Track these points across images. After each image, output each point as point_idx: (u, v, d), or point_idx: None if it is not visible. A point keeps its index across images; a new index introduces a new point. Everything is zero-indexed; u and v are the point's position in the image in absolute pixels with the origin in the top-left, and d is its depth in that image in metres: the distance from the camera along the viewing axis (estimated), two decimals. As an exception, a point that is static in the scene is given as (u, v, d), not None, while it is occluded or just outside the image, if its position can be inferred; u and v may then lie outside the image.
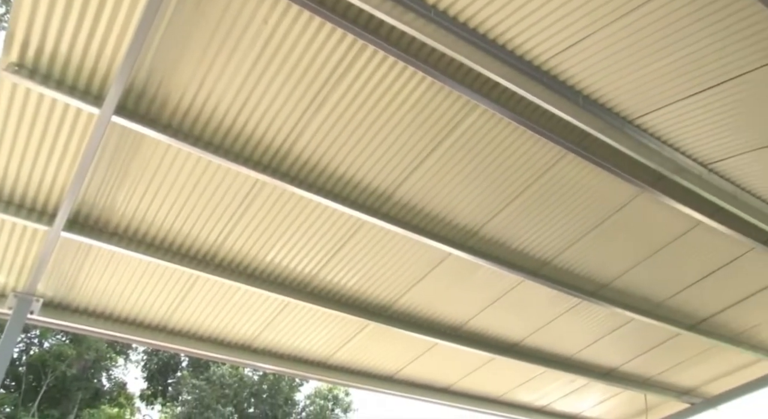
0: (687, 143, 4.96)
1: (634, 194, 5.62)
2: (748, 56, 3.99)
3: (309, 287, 6.36)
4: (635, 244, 6.32)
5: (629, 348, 8.46)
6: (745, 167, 5.26)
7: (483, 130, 4.88)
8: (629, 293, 7.08)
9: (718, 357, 8.80)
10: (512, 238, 5.99)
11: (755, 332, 8.29)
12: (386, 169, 5.13)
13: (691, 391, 10.00)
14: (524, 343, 7.88)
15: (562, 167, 5.30)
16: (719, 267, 6.84)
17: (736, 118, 4.63)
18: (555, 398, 9.75)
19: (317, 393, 21.10)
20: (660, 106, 4.59)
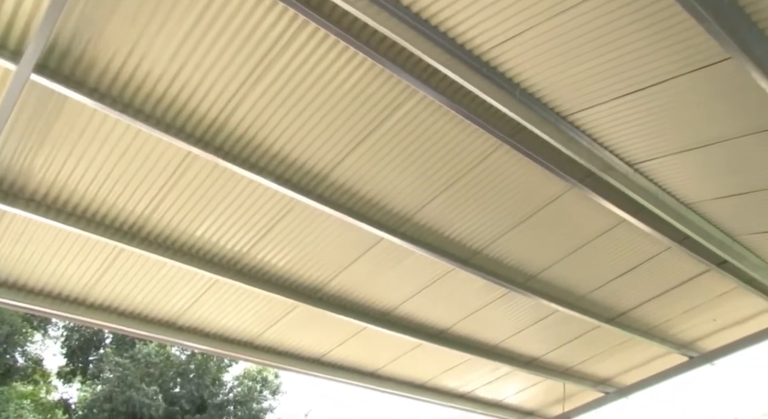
0: (616, 142, 5.12)
1: (564, 189, 5.78)
2: (675, 62, 4.13)
3: (238, 266, 6.25)
4: (562, 238, 6.52)
5: (552, 339, 8.76)
6: (668, 170, 5.48)
7: (421, 116, 4.89)
8: (554, 286, 7.31)
9: (633, 350, 9.24)
10: (445, 226, 6.06)
11: (667, 326, 8.74)
12: (322, 149, 5.07)
13: (606, 381, 10.47)
14: (452, 330, 8.02)
15: (497, 159, 5.38)
16: (638, 264, 7.15)
17: (662, 121, 4.81)
18: (478, 385, 10.01)
19: (246, 374, 20.85)
20: (593, 104, 4.71)
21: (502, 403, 10.87)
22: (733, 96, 4.39)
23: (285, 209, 5.65)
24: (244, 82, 4.45)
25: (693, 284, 7.73)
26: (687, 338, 9.29)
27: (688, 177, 5.62)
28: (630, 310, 8.15)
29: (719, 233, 6.59)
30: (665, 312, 8.34)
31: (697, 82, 4.27)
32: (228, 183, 5.28)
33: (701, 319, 8.70)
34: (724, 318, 8.80)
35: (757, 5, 3.56)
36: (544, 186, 5.75)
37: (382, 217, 5.83)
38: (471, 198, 5.76)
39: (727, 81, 4.20)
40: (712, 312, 8.58)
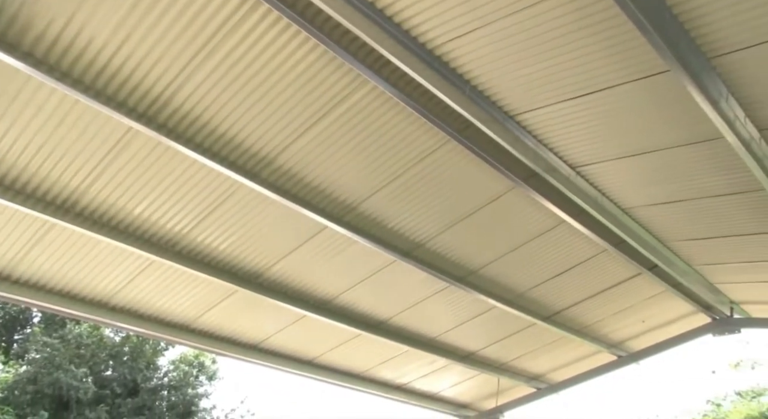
0: (560, 144, 5.24)
1: (508, 187, 5.89)
2: (619, 70, 4.25)
3: (177, 247, 6.11)
4: (504, 235, 6.65)
5: (489, 334, 8.94)
6: (608, 174, 5.66)
7: (371, 107, 4.88)
8: (494, 282, 7.46)
9: (565, 347, 9.54)
10: (389, 217, 6.08)
11: (599, 326, 9.06)
12: (270, 133, 5.00)
13: (539, 377, 10.78)
14: (391, 322, 8.08)
15: (444, 154, 5.43)
16: (575, 265, 7.37)
17: (604, 127, 4.95)
18: (415, 377, 10.13)
19: (182, 358, 20.44)
20: (540, 106, 4.80)
21: (438, 396, 11.05)
22: (670, 107, 4.56)
23: (228, 191, 5.54)
24: (192, 59, 4.33)
25: (625, 286, 8.03)
26: (617, 338, 9.66)
27: (626, 183, 5.81)
28: (565, 309, 8.40)
29: (652, 239, 6.85)
30: (598, 313, 8.63)
31: (638, 91, 4.41)
32: (170, 162, 5.15)
33: (631, 320, 9.06)
34: (652, 320, 9.19)
35: (695, 22, 3.70)
36: (488, 184, 5.84)
37: (326, 205, 5.80)
38: (416, 191, 5.80)
39: (666, 93, 4.35)
40: (641, 314, 8.95)
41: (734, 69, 4.05)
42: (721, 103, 4.27)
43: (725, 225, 6.40)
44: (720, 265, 7.54)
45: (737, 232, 6.50)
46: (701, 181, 5.57)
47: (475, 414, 11.64)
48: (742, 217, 6.12)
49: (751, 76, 4.09)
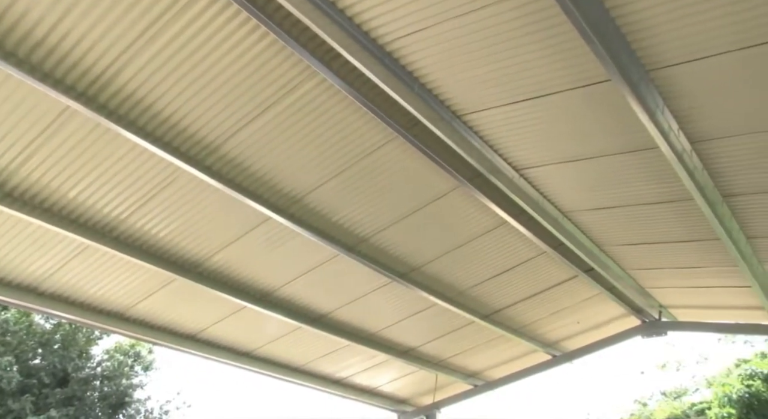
0: (505, 146, 5.34)
1: (453, 186, 5.96)
2: (564, 77, 4.36)
3: (114, 233, 5.92)
4: (447, 234, 6.73)
5: (429, 331, 9.04)
6: (550, 178, 5.80)
7: (319, 99, 4.85)
8: (436, 279, 7.54)
9: (503, 346, 9.74)
10: (334, 211, 6.07)
11: (536, 326, 9.29)
12: (215, 120, 4.90)
13: (477, 374, 10.98)
14: (332, 316, 8.07)
15: (391, 150, 5.45)
16: (515, 265, 7.54)
17: (548, 131, 5.07)
18: (355, 371, 10.16)
19: (117, 348, 19.83)
20: (487, 107, 4.88)
21: (377, 390, 11.11)
22: (610, 116, 4.70)
23: (170, 177, 5.41)
24: (136, 39, 4.19)
25: (562, 288, 8.26)
26: (553, 338, 9.93)
27: (567, 187, 5.98)
28: (504, 308, 8.57)
29: (589, 243, 7.07)
30: (535, 313, 8.85)
31: (581, 98, 4.54)
32: (110, 144, 4.98)
33: (566, 321, 9.33)
34: (586, 321, 9.49)
35: (637, 35, 3.83)
36: (434, 182, 5.90)
37: (271, 196, 5.74)
38: (362, 186, 5.80)
39: (607, 101, 4.49)
40: (577, 315, 9.22)
41: (670, 82, 4.21)
42: (657, 114, 4.44)
43: (657, 232, 6.66)
44: (651, 270, 7.85)
45: (668, 239, 6.78)
46: (637, 188, 5.77)
47: (412, 409, 11.77)
48: (672, 225, 6.39)
49: (685, 90, 4.26)
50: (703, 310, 9.09)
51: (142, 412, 18.88)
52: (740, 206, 5.74)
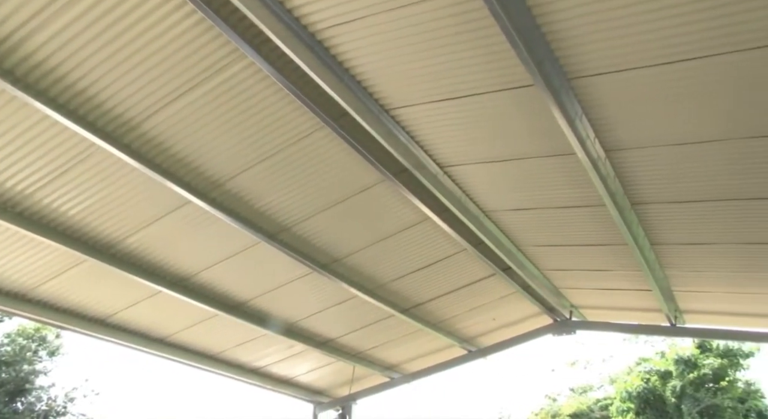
0: (431, 143, 5.41)
1: (378, 180, 5.98)
2: (491, 78, 4.44)
3: (18, 208, 5.59)
4: (370, 226, 6.75)
5: (348, 322, 9.07)
6: (473, 177, 5.93)
7: (246, 83, 4.74)
8: (357, 271, 7.56)
9: (420, 340, 9.90)
10: (256, 198, 5.96)
11: (453, 322, 9.50)
12: (136, 96, 4.70)
13: (394, 367, 11.11)
14: (251, 304, 7.94)
15: (317, 139, 5.40)
16: (436, 261, 7.66)
17: (473, 131, 5.16)
18: (272, 361, 10.06)
19: (21, 331, 18.79)
20: (415, 103, 4.91)
21: (293, 381, 11.06)
22: (532, 120, 4.84)
23: (84, 153, 5.15)
24: (49, 3, 3.95)
25: (480, 285, 8.48)
26: (469, 333, 10.17)
27: (489, 187, 6.12)
28: (423, 303, 8.71)
29: (508, 242, 7.28)
30: (453, 308, 9.04)
31: (506, 100, 4.65)
32: (16, 114, 4.68)
33: (483, 317, 9.58)
34: (502, 319, 9.78)
35: (560, 43, 3.96)
36: (359, 174, 5.90)
37: (192, 179, 5.57)
38: (287, 174, 5.73)
39: (530, 105, 4.62)
40: (493, 312, 9.49)
41: (589, 92, 4.38)
42: (576, 121, 4.62)
43: (571, 235, 6.94)
44: (564, 271, 8.19)
45: (581, 242, 7.08)
46: (554, 192, 5.99)
47: (329, 400, 11.79)
48: (586, 228, 6.67)
49: (603, 100, 4.45)
50: (610, 311, 9.57)
51: (45, 400, 17.99)
52: (646, 214, 6.06)
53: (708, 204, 5.60)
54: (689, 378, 19.69)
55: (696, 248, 6.66)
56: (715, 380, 19.65)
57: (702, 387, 19.69)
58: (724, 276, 7.36)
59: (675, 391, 19.76)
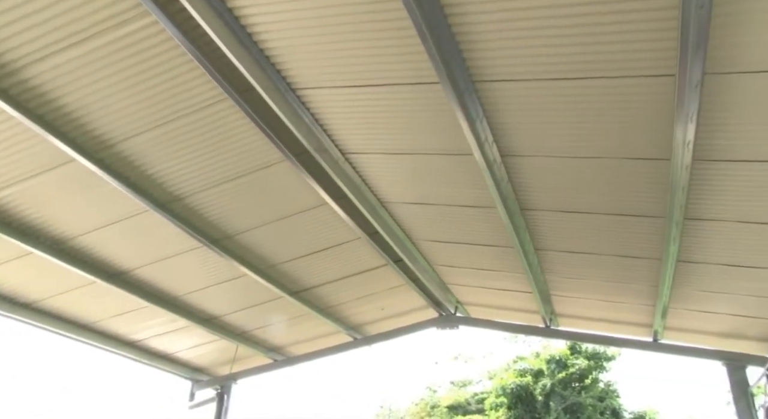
0: (335, 128, 5.39)
1: (278, 159, 5.89)
2: (401, 71, 4.48)
3: None
4: (266, 205, 6.64)
5: (235, 301, 8.90)
6: (374, 167, 5.98)
7: (149, 42, 4.49)
8: (249, 250, 7.43)
9: (307, 324, 9.90)
10: (149, 164, 5.69)
11: (342, 308, 9.57)
12: (19, 38, 4.32)
13: (278, 349, 11.05)
14: (133, 273, 7.60)
15: (219, 110, 5.22)
16: (330, 247, 7.67)
17: (378, 121, 5.19)
18: (151, 334, 9.70)
19: None
20: (324, 86, 4.87)
21: (173, 356, 10.72)
22: (437, 117, 4.93)
23: (-46, 94, 4.69)
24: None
25: (371, 274, 8.59)
26: (356, 321, 10.30)
27: (388, 178, 6.20)
28: (313, 287, 8.70)
29: (402, 234, 7.43)
30: (343, 295, 9.11)
31: (413, 94, 4.71)
32: None
33: (371, 306, 9.73)
34: (390, 309, 9.97)
35: (468, 46, 4.06)
36: (260, 151, 5.77)
37: (78, 136, 5.23)
38: (183, 142, 5.50)
39: (435, 103, 4.71)
40: (382, 302, 9.66)
41: (491, 96, 4.53)
42: (477, 124, 4.77)
43: (464, 233, 7.19)
44: (453, 268, 8.47)
45: (472, 241, 7.35)
46: (451, 190, 6.17)
47: (208, 378, 11.54)
48: (477, 228, 6.93)
49: (502, 106, 4.62)
50: (492, 309, 10.02)
51: None
52: (533, 220, 6.38)
53: (587, 216, 5.98)
54: (559, 377, 21.05)
55: (574, 256, 7.10)
56: (581, 379, 21.14)
57: (569, 385, 21.10)
58: (597, 284, 7.90)
59: (545, 389, 21.05)
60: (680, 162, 4.49)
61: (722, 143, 4.42)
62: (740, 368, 8.47)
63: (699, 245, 5.96)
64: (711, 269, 6.41)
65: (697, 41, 3.38)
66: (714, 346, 8.64)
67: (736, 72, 3.76)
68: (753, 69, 3.71)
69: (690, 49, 3.44)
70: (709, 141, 4.40)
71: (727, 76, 3.80)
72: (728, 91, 3.90)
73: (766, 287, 6.41)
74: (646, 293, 7.55)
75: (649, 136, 4.54)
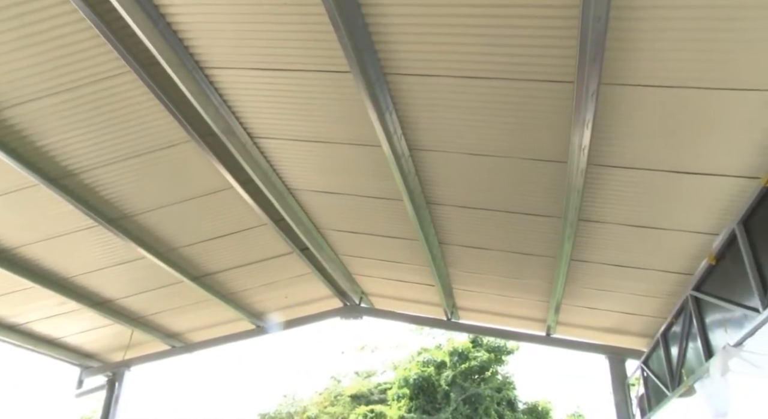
0: (244, 110, 5.27)
1: (183, 139, 5.67)
2: (313, 57, 4.43)
3: None
4: (169, 186, 6.39)
5: (132, 284, 8.52)
6: (283, 153, 5.90)
7: (51, 11, 4.17)
8: (149, 231, 7.13)
9: (208, 310, 9.65)
10: (39, 135, 5.31)
11: (245, 295, 9.40)
12: None
13: (177, 335, 10.71)
14: (18, 251, 7.10)
15: (122, 84, 4.95)
16: (235, 232, 7.50)
17: (289, 106, 5.11)
18: (36, 317, 9.11)
19: None
20: (234, 66, 4.74)
21: (60, 341, 10.13)
22: (348, 106, 4.92)
23: None
24: None
25: (276, 262, 8.48)
26: (260, 308, 10.16)
27: (297, 165, 6.13)
28: (216, 273, 8.49)
29: (309, 223, 7.38)
30: (246, 282, 8.94)
31: (323, 82, 4.68)
32: None
33: (275, 294, 9.62)
34: (294, 297, 9.91)
35: (381, 37, 4.08)
36: (164, 129, 5.53)
37: (-43, 99, 4.80)
38: (80, 115, 5.17)
39: (346, 92, 4.69)
40: (286, 290, 9.58)
41: (402, 89, 4.58)
42: (386, 116, 4.80)
43: (370, 224, 7.24)
44: (359, 258, 8.52)
45: (378, 232, 7.41)
46: (359, 180, 6.18)
47: (99, 365, 11.01)
48: (383, 220, 7.00)
49: (412, 100, 4.68)
50: (397, 301, 10.17)
51: None
52: (438, 214, 6.53)
53: (489, 213, 6.19)
54: (461, 369, 21.70)
55: (476, 252, 7.32)
56: (481, 372, 21.90)
57: (470, 377, 21.81)
58: (496, 280, 8.19)
59: (447, 380, 21.63)
60: (576, 166, 4.72)
61: (614, 150, 4.69)
62: (620, 361, 9.08)
63: (591, 246, 6.31)
64: (601, 269, 6.81)
65: (594, 52, 3.56)
66: (599, 341, 9.20)
67: (629, 84, 4.00)
68: (643, 83, 3.95)
69: (588, 59, 3.62)
70: (603, 147, 4.66)
71: (621, 87, 4.03)
72: (621, 102, 4.14)
73: (648, 286, 6.88)
74: (542, 289, 7.92)
75: (549, 139, 4.75)
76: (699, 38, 3.47)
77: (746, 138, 4.12)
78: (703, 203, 4.96)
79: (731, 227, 4.94)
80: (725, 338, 5.16)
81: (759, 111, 3.84)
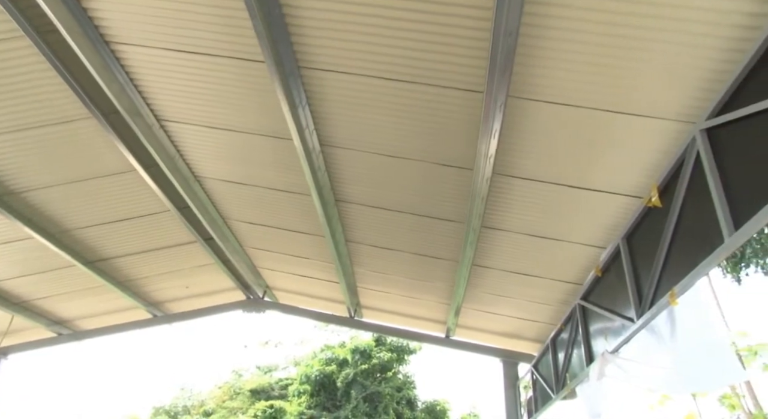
0: (152, 91, 5.05)
1: (83, 115, 5.34)
2: (224, 42, 4.31)
3: None
4: (64, 164, 6.00)
5: (15, 266, 7.94)
6: (191, 138, 5.69)
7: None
8: (37, 211, 6.67)
9: (101, 297, 9.16)
10: None
11: (142, 283, 9.01)
12: None
13: (65, 322, 10.10)
14: None
15: (18, 48, 4.57)
16: (135, 217, 7.17)
17: (202, 90, 4.93)
18: None
19: None
20: (143, 44, 4.53)
21: (-71, 324, 9.30)
22: (258, 97, 4.83)
23: None
24: None
25: (178, 250, 8.19)
26: (158, 297, 9.76)
27: (205, 152, 5.94)
28: (112, 258, 8.07)
29: (214, 212, 7.18)
30: (145, 269, 8.57)
31: (235, 69, 4.56)
32: None
33: (175, 283, 9.28)
34: (195, 288, 9.60)
35: (297, 30, 4.04)
36: (61, 103, 5.18)
37: None
38: (-37, 79, 4.78)
39: (258, 82, 4.60)
40: (187, 280, 9.26)
41: (316, 84, 4.54)
42: (299, 109, 4.75)
43: (277, 218, 7.14)
44: (265, 251, 8.38)
45: (285, 226, 7.32)
46: (268, 172, 6.08)
47: (-30, 351, 10.20)
48: (291, 214, 6.92)
49: (326, 95, 4.66)
50: (301, 297, 10.09)
51: None
52: (347, 212, 6.53)
53: (397, 214, 6.26)
54: (362, 367, 21.83)
55: (381, 252, 7.39)
56: (383, 371, 22.14)
57: (371, 375, 21.99)
58: (401, 281, 8.30)
59: (347, 378, 21.70)
60: (482, 173, 4.86)
61: (518, 161, 4.87)
62: (513, 364, 9.45)
63: (492, 252, 6.52)
64: (500, 275, 7.05)
65: (504, 65, 3.68)
66: (495, 344, 9.53)
67: (536, 100, 4.16)
68: (549, 100, 4.13)
69: (497, 71, 3.73)
70: (508, 157, 4.83)
71: (528, 101, 4.19)
72: (526, 116, 4.30)
73: (543, 294, 7.20)
74: (444, 292, 8.10)
75: (459, 145, 4.86)
76: (603, 64, 3.67)
77: (636, 160, 4.39)
78: (596, 218, 5.25)
79: (616, 242, 5.26)
80: (605, 345, 5.49)
81: (648, 136, 4.11)
